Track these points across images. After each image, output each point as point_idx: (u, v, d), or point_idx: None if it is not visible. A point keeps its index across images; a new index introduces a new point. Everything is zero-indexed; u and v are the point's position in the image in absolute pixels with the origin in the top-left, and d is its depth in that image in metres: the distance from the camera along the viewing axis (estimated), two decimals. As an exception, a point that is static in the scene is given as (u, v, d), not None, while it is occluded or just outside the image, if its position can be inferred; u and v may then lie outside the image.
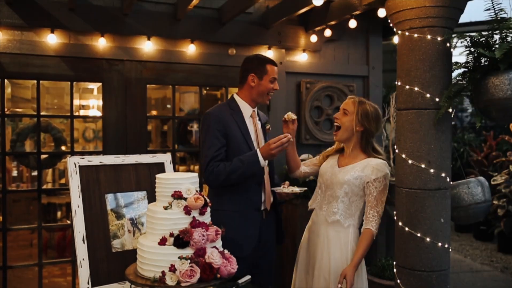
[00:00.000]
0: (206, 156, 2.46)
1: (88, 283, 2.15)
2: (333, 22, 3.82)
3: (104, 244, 2.25)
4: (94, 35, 3.56)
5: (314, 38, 4.09)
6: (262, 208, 2.61)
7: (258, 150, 2.44)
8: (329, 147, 4.20)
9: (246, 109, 2.64)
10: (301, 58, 4.19)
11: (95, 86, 5.88)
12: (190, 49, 3.81)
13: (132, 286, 1.98)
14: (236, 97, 2.69)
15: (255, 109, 2.70)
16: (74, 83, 3.65)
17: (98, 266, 2.20)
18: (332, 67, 4.32)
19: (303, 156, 4.02)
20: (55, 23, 3.39)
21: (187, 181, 1.97)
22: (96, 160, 2.40)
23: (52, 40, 3.39)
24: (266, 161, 2.47)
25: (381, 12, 3.53)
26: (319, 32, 4.08)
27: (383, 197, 2.33)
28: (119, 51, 3.63)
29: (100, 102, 3.78)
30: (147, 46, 3.68)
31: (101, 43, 3.54)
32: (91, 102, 6.23)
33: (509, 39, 2.01)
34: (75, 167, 2.29)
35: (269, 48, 4.05)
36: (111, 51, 3.61)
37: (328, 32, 4.00)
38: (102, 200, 2.32)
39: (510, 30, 1.99)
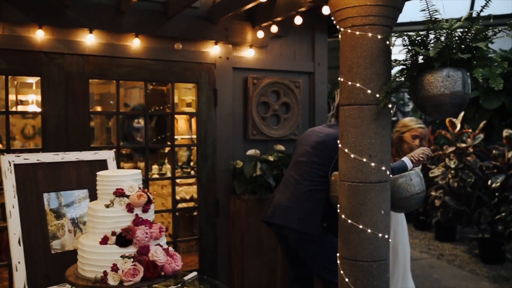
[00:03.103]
0: None
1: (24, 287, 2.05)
2: (279, 19, 3.86)
3: (42, 245, 2.16)
4: (31, 27, 3.39)
5: (260, 34, 4.11)
6: None
7: (405, 159, 3.08)
8: (277, 143, 4.35)
9: None
10: (248, 53, 4.20)
11: (34, 80, 5.61)
12: (135, 43, 3.71)
13: None
14: None
15: None
16: (10, 77, 3.46)
17: (35, 269, 2.11)
18: (279, 63, 4.36)
19: (250, 151, 4.05)
20: (-13, 13, 3.20)
21: (129, 178, 1.93)
22: (33, 158, 2.29)
23: (-16, 31, 3.19)
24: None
25: (326, 10, 3.61)
26: (266, 28, 4.11)
27: None
28: (59, 44, 3.48)
29: (40, 97, 3.61)
30: (89, 39, 3.55)
31: (39, 35, 3.37)
32: (30, 97, 5.93)
33: (442, 38, 2.11)
34: (10, 165, 2.18)
35: (216, 43, 4.03)
36: (50, 43, 3.45)
37: (274, 28, 4.04)
38: (39, 199, 2.23)
39: (443, 31, 2.09)
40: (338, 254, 2.41)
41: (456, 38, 2.11)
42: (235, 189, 4.01)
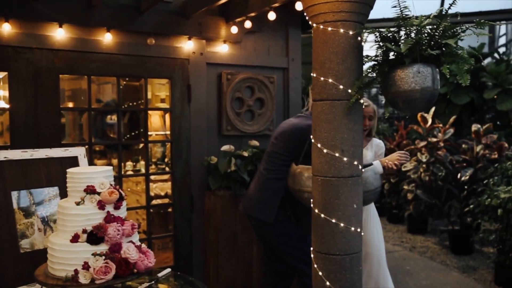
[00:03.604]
0: None
1: (-8, 288, 2.00)
2: (253, 14, 3.85)
3: (10, 245, 2.11)
4: (-3, 20, 3.29)
5: (234, 30, 4.10)
6: None
7: (375, 162, 3.07)
8: (252, 138, 4.33)
9: None
10: (222, 49, 4.18)
11: (1, 75, 5.44)
12: (106, 38, 3.65)
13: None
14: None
15: None
16: (-25, 72, 3.36)
17: (3, 269, 2.06)
18: (253, 59, 4.36)
19: (225, 147, 4.04)
20: (-49, 6, 3.09)
21: (100, 175, 1.90)
22: (0, 155, 2.23)
23: None
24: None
25: (299, 5, 3.62)
26: (240, 24, 4.10)
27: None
28: (27, 38, 3.39)
29: (7, 93, 3.50)
30: (59, 34, 3.47)
31: (6, 29, 3.28)
32: (-2, 93, 5.76)
33: (412, 35, 2.14)
34: (-24, 163, 2.12)
35: (189, 39, 3.99)
36: (18, 38, 3.35)
37: (248, 24, 4.03)
38: (7, 198, 2.17)
39: (413, 28, 2.12)
40: (312, 248, 2.43)
41: (426, 34, 2.16)
42: (209, 185, 4.00)
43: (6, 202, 2.16)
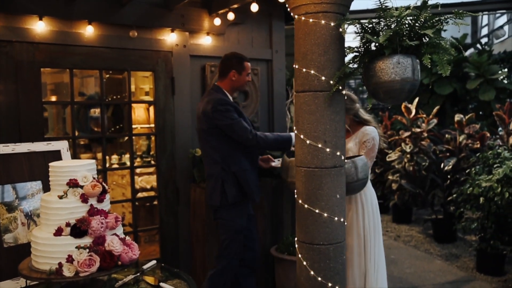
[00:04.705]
0: (246, 128, 3.08)
1: (-25, 283, 1.99)
2: (235, 6, 3.84)
3: (-7, 239, 2.10)
4: (-24, 13, 3.23)
5: (217, 21, 4.09)
6: None
7: (293, 134, 2.95)
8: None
9: (230, 97, 3.26)
10: (205, 41, 4.17)
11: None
12: (88, 31, 3.61)
13: (28, 281, 1.87)
14: (221, 87, 3.25)
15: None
16: (-46, 66, 3.30)
17: (-13, 264, 2.05)
18: (237, 51, 4.30)
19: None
20: None
21: (83, 168, 1.89)
22: (-19, 149, 2.21)
23: None
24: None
25: (282, -3, 3.62)
26: (223, 15, 4.08)
27: (371, 153, 3.06)
28: (6, 32, 3.34)
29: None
30: (39, 27, 3.43)
31: (-15, 22, 3.23)
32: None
33: (392, 26, 2.16)
34: (-44, 158, 2.10)
35: (172, 31, 3.97)
36: (-3, 31, 3.31)
37: (231, 16, 4.02)
38: (-11, 192, 2.15)
39: (393, 19, 2.14)
40: (296, 239, 2.46)
41: (406, 25, 2.18)
42: (194, 177, 4.00)
43: (-12, 197, 2.14)
